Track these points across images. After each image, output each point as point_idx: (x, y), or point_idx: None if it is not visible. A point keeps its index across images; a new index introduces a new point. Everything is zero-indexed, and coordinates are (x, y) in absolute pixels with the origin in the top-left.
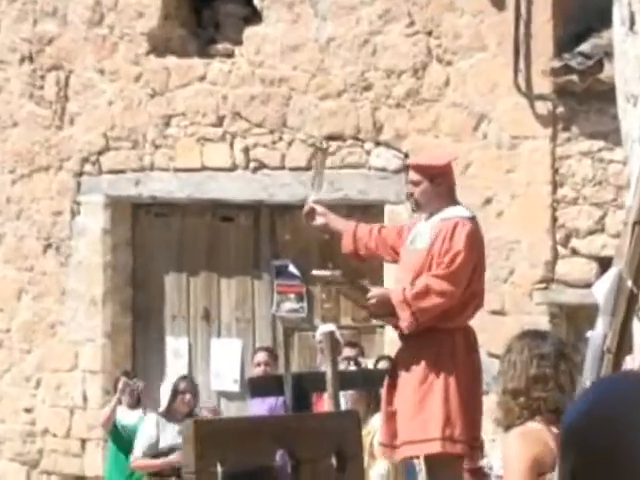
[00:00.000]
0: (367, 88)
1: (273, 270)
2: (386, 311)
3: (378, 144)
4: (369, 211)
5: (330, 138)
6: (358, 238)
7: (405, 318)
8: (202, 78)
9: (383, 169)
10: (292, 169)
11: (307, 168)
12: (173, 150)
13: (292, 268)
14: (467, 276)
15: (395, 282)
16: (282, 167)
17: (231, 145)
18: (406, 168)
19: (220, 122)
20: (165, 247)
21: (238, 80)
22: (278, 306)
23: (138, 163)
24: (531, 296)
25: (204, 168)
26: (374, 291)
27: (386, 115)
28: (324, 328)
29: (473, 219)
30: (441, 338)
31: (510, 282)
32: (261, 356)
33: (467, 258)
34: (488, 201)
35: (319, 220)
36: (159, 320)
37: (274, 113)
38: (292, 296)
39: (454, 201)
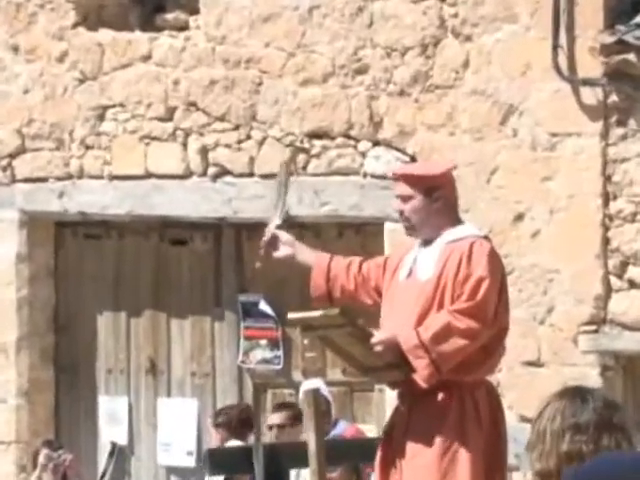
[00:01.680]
0: (361, 71)
1: (239, 308)
2: (393, 361)
3: (376, 144)
4: (364, 231)
5: (314, 136)
6: (332, 277)
7: (422, 367)
8: (146, 58)
9: (383, 176)
10: (263, 176)
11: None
12: (108, 152)
13: (264, 305)
14: (493, 309)
15: (384, 331)
16: (250, 174)
17: (184, 145)
18: (394, 179)
19: (170, 115)
20: (98, 278)
21: (193, 60)
22: (246, 356)
23: (63, 169)
24: (576, 342)
25: (149, 175)
26: (379, 336)
27: (386, 106)
28: (307, 384)
29: (488, 239)
30: (462, 395)
31: (549, 324)
32: (277, 418)
33: (492, 285)
34: (519, 218)
35: (283, 251)
36: (90, 374)
37: (240, 103)
38: (264, 342)
39: (457, 220)
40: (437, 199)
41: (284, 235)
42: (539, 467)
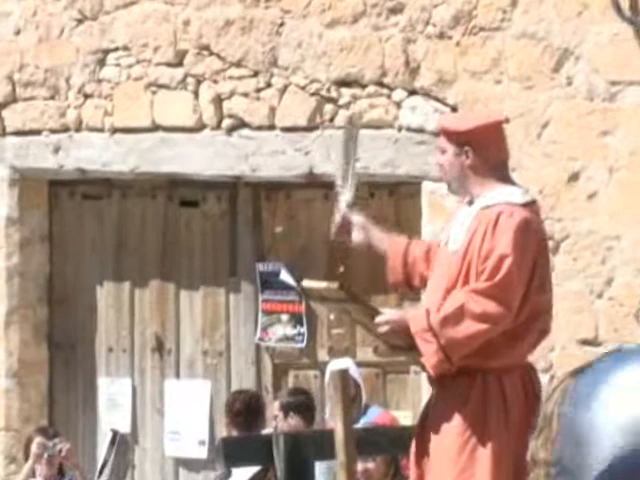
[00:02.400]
0: (396, 10)
1: (257, 278)
2: (404, 344)
3: (412, 93)
4: (399, 192)
5: (342, 84)
6: (410, 262)
7: (430, 354)
8: None
9: (420, 130)
10: (286, 129)
11: (307, 128)
12: (110, 101)
13: (285, 275)
14: (521, 289)
15: (423, 304)
16: (271, 126)
17: (196, 94)
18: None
19: (180, 60)
20: (98, 245)
21: None
22: (265, 332)
23: (59, 121)
24: (638, 318)
25: (156, 128)
26: (386, 315)
27: (425, 50)
28: (334, 365)
29: (529, 206)
30: (486, 382)
31: (607, 297)
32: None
33: (517, 262)
34: (574, 178)
35: (357, 236)
36: (89, 353)
37: (259, 47)
38: (285, 317)
39: (502, 180)
40: (467, 155)
41: (357, 217)
42: (544, 455)
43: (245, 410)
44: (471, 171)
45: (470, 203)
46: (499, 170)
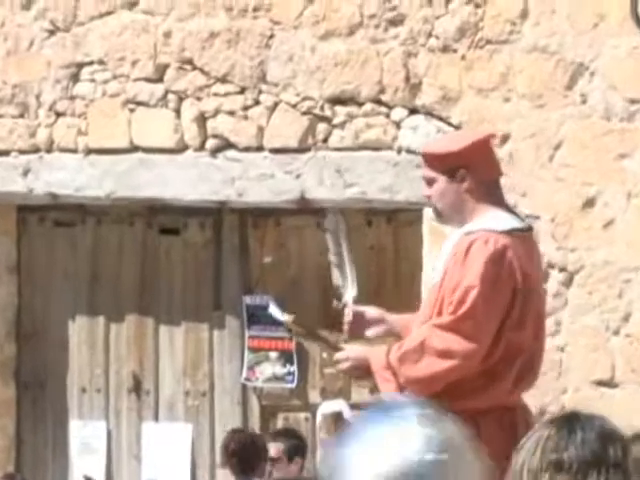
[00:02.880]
0: (396, 21)
1: (244, 313)
2: (369, 383)
3: (413, 111)
4: (398, 219)
5: (337, 102)
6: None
7: (388, 392)
8: (132, 4)
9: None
10: (275, 151)
11: (299, 149)
12: (84, 119)
13: (274, 309)
14: (493, 323)
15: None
16: (259, 148)
17: (177, 112)
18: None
19: (160, 75)
20: (71, 275)
21: (190, 8)
22: (252, 371)
23: (28, 141)
24: None
25: (134, 149)
26: (346, 351)
27: (427, 64)
28: (327, 407)
29: (515, 233)
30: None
31: (624, 334)
32: (275, 449)
33: (485, 294)
34: (589, 204)
35: (375, 330)
36: (60, 393)
37: (247, 61)
38: (274, 355)
39: (496, 204)
40: (463, 179)
41: (369, 310)
42: None
43: (240, 451)
44: (468, 195)
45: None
46: (493, 190)
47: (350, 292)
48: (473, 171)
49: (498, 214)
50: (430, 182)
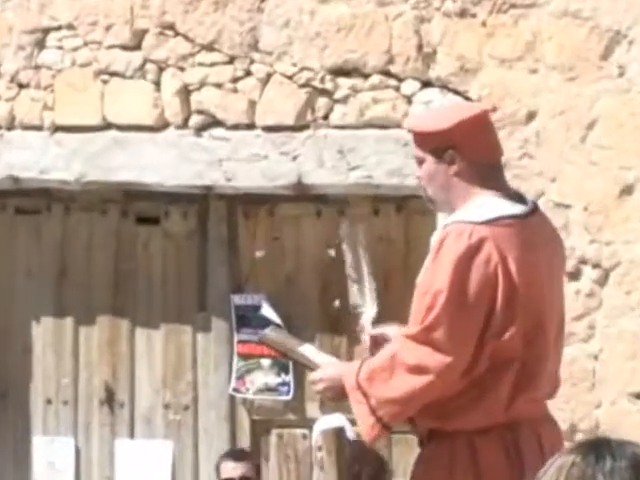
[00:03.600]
0: None
1: (232, 314)
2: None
3: (427, 84)
4: (409, 207)
5: (339, 73)
6: None
7: (362, 417)
8: None
9: None
10: (269, 129)
11: (296, 127)
12: (50, 92)
13: (267, 310)
14: (471, 330)
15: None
16: (250, 125)
17: (157, 84)
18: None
19: (137, 42)
20: (35, 271)
21: None
22: (241, 381)
23: None
24: None
25: (107, 126)
26: (320, 371)
27: (442, 31)
28: (327, 422)
29: (502, 222)
30: (454, 446)
31: None
32: (231, 468)
33: (455, 298)
34: (627, 191)
35: None
36: (22, 405)
37: (236, 26)
38: (267, 362)
39: (492, 189)
40: (452, 160)
41: (389, 330)
42: None
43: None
44: (457, 179)
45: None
46: (490, 174)
47: (369, 312)
48: (463, 152)
49: (489, 200)
50: (420, 162)
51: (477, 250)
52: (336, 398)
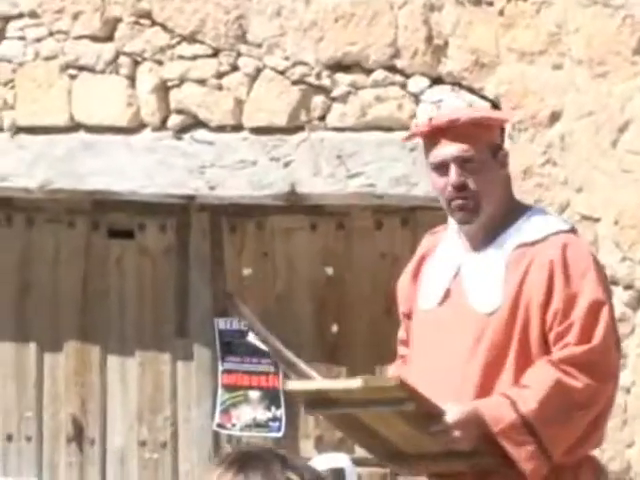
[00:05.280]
0: None
1: (217, 340)
2: (469, 448)
3: (437, 81)
4: (417, 219)
5: (337, 68)
6: None
7: (526, 458)
8: None
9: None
10: (257, 131)
11: (288, 129)
12: (11, 89)
13: (255, 336)
14: (615, 354)
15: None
16: (237, 127)
17: (131, 80)
18: (433, 133)
19: (109, 32)
20: None
21: None
22: (227, 416)
23: None
24: None
25: (76, 127)
26: (452, 414)
27: (454, 21)
28: (325, 462)
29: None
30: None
31: None
32: None
33: (612, 310)
34: None
35: None
36: None
37: (221, 14)
38: (255, 395)
39: (515, 201)
40: (504, 163)
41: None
42: None
43: None
44: (505, 186)
45: (474, 238)
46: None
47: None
48: (506, 153)
49: (540, 214)
50: (467, 161)
51: (594, 255)
52: (470, 443)
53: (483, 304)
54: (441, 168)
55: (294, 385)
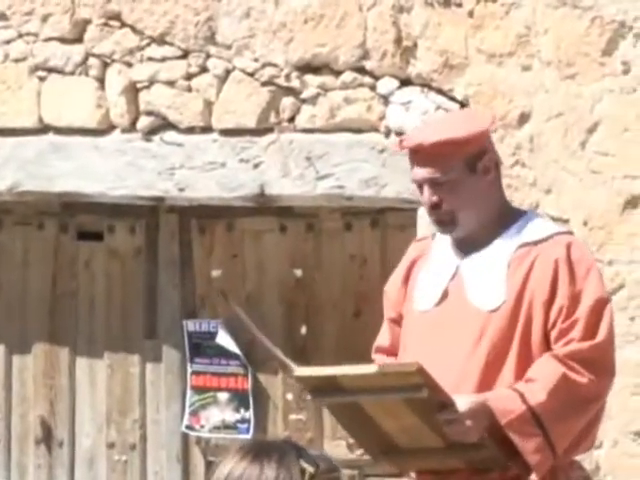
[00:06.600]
0: None
1: (186, 342)
2: (476, 440)
3: (406, 83)
4: (387, 221)
5: (307, 69)
6: None
7: (532, 451)
8: None
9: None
10: (227, 132)
11: (258, 131)
12: None
13: (224, 337)
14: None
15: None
16: (207, 128)
17: (101, 81)
18: (413, 152)
19: (79, 34)
20: None
21: None
22: (195, 417)
23: None
24: None
25: (44, 129)
26: (462, 403)
27: (423, 22)
28: None
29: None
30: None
31: None
32: None
33: (611, 312)
34: (632, 204)
35: None
36: None
37: (190, 16)
38: (224, 396)
39: (509, 206)
40: (487, 170)
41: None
42: None
43: None
44: (490, 192)
45: (469, 243)
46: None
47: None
48: (493, 158)
49: (538, 217)
50: (438, 183)
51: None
52: (478, 434)
53: (485, 301)
54: (419, 186)
55: (304, 371)
